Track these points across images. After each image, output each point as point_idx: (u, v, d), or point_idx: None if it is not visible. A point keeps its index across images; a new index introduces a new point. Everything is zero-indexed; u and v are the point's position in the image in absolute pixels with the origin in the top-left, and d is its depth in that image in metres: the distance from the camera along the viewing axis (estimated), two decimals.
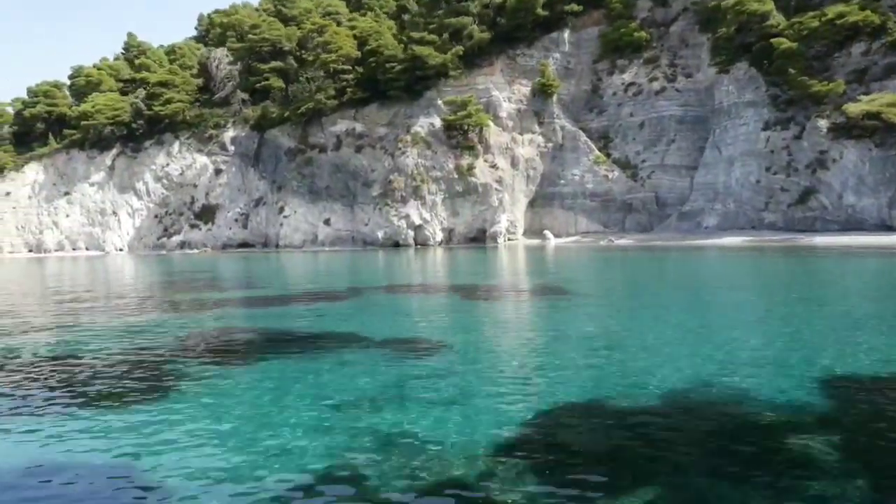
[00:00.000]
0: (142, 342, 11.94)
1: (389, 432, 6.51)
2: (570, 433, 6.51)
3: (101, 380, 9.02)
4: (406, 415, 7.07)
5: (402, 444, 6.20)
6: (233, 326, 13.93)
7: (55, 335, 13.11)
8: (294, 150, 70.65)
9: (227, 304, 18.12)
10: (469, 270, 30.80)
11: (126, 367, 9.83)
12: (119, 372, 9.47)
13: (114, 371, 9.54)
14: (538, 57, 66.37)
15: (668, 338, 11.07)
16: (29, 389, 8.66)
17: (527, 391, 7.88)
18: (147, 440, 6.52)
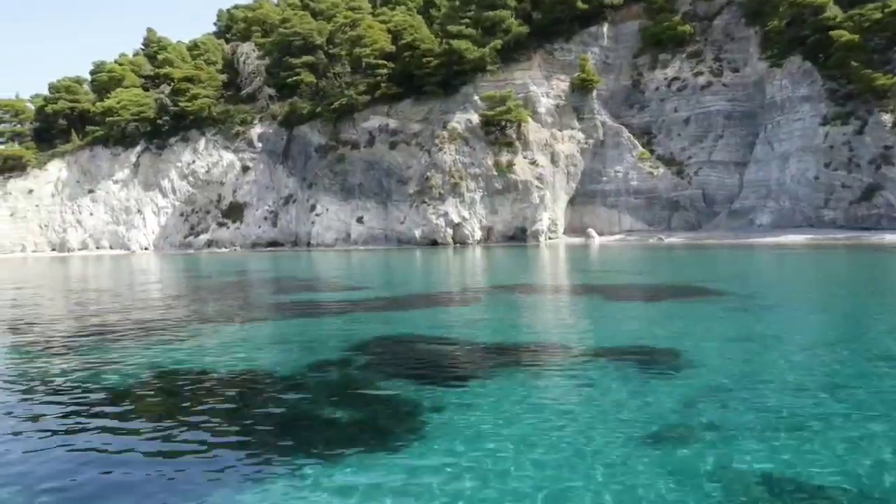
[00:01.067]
0: (330, 361, 10.45)
1: (744, 469, 5.06)
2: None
3: (324, 422, 7.52)
4: (732, 447, 5.64)
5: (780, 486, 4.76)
6: (407, 335, 12.42)
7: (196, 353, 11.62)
8: (325, 146, 69.15)
9: (357, 309, 16.63)
10: (558, 269, 29.33)
11: (336, 403, 7.84)
12: (334, 412, 7.74)
13: (324, 410, 7.97)
14: (576, 51, 64.90)
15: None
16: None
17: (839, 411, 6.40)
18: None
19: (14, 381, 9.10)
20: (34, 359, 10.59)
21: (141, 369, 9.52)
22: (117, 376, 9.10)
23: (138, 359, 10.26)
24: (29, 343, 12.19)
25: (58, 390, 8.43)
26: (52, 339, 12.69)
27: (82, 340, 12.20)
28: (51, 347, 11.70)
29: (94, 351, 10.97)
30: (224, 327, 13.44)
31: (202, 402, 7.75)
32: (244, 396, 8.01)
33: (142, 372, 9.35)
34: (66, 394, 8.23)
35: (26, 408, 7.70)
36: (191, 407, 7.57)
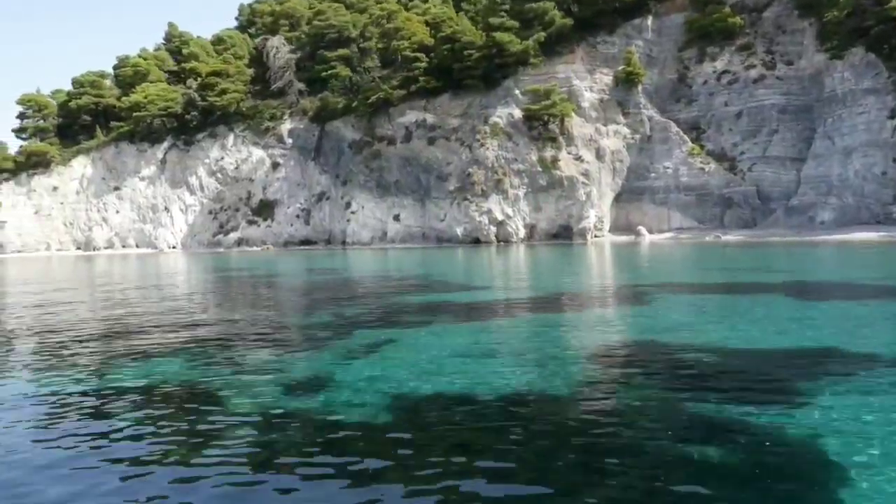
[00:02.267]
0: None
1: None
2: None
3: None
4: None
5: None
6: (652, 340, 10.70)
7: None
8: (359, 142, 67.40)
9: (520, 309, 14.86)
10: (662, 267, 27.60)
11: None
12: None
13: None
14: (620, 44, 63.24)
15: None
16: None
17: None
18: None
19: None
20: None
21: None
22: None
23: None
24: (66, 365, 10.43)
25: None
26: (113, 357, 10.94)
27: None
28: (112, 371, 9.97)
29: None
30: (429, 331, 11.70)
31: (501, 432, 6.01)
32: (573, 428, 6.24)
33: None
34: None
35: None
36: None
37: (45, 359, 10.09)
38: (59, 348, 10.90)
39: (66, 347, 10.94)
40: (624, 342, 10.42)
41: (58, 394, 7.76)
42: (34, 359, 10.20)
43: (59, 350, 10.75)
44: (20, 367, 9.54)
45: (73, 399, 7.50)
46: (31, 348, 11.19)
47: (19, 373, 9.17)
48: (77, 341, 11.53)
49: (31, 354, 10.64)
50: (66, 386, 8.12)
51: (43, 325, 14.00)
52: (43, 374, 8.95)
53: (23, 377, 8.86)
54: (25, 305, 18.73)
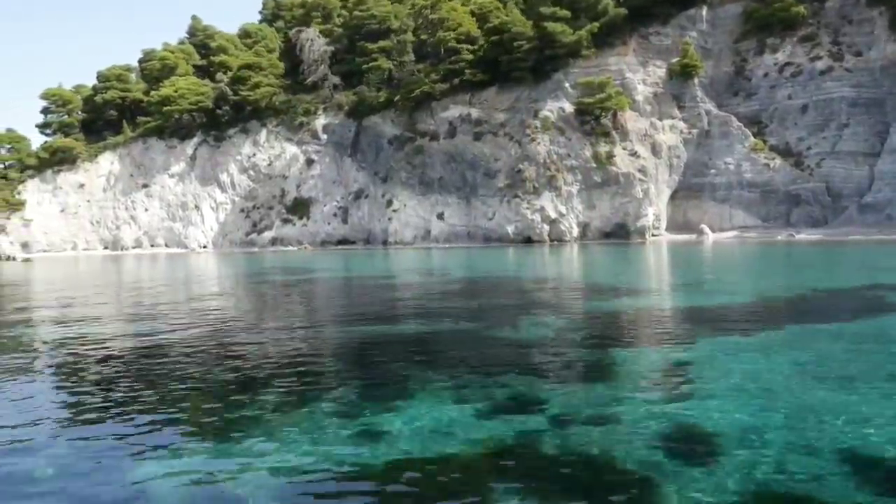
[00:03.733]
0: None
1: None
2: None
3: None
4: None
5: None
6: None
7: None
8: (400, 138, 64.87)
9: (724, 319, 12.37)
10: (779, 267, 25.12)
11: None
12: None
13: None
14: (673, 36, 60.85)
15: None
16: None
17: None
18: None
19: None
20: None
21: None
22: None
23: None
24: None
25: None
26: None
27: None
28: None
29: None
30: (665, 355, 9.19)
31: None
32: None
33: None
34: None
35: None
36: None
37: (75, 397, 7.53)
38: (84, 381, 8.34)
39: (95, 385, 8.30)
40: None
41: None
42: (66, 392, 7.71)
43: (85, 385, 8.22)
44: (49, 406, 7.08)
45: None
46: (57, 376, 8.70)
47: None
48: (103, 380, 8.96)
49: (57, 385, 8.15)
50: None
51: (65, 343, 11.48)
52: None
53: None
54: (45, 323, 16.21)
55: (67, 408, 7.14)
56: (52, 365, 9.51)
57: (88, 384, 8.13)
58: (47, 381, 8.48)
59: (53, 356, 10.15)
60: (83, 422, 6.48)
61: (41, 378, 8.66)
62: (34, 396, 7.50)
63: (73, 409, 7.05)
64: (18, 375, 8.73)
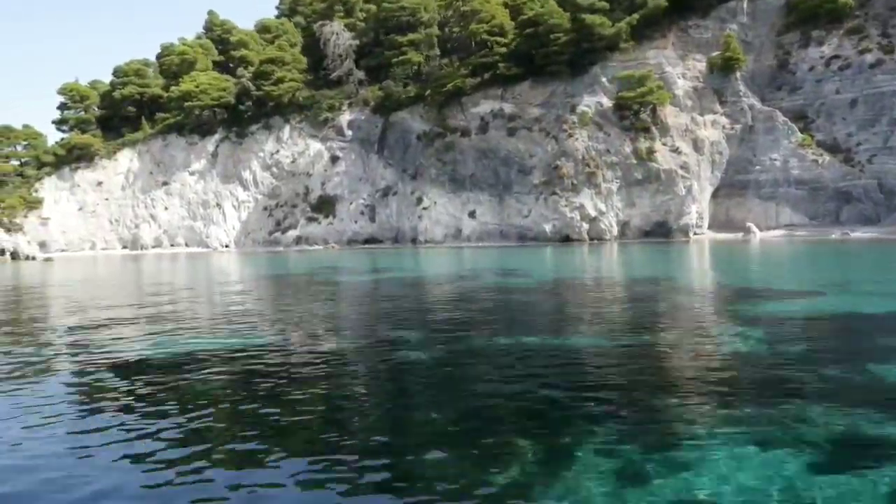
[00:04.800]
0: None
1: None
2: None
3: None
4: None
5: None
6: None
7: None
8: (430, 134, 63.02)
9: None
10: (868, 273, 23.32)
11: None
12: None
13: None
14: (713, 29, 59.03)
15: None
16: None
17: None
18: None
19: None
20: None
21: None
22: None
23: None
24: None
25: None
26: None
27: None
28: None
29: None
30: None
31: None
32: None
33: None
34: None
35: None
36: None
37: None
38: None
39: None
40: None
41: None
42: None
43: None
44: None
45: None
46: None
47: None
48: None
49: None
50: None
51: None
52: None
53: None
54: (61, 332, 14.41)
55: (119, 426, 5.99)
56: (103, 372, 7.76)
57: (132, 397, 7.04)
58: (92, 387, 7.52)
59: (97, 362, 8.69)
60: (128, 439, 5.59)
61: (100, 394, 7.36)
62: (88, 406, 6.68)
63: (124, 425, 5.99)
64: (80, 397, 7.02)
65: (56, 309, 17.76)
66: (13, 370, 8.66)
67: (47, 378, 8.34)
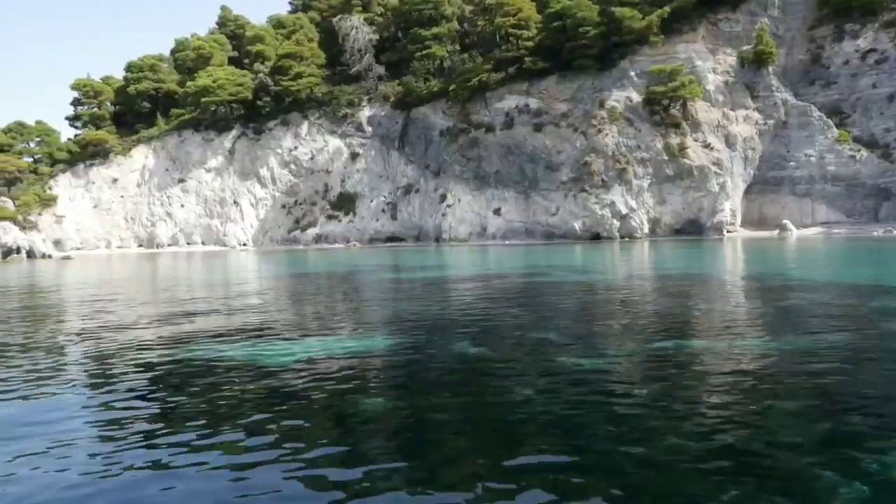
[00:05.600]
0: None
1: None
2: None
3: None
4: None
5: None
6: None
7: None
8: (453, 129, 61.81)
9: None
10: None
11: None
12: None
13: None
14: (743, 22, 57.89)
15: None
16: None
17: None
18: None
19: None
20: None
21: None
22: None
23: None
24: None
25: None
26: None
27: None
28: None
29: None
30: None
31: None
32: None
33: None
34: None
35: None
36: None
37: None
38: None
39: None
40: None
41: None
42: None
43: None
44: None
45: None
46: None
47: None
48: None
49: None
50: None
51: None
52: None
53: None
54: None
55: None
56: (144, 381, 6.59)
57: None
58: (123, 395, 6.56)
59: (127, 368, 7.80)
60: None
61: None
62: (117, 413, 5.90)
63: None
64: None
65: (93, 309, 16.54)
66: (61, 372, 7.82)
67: (106, 382, 7.30)
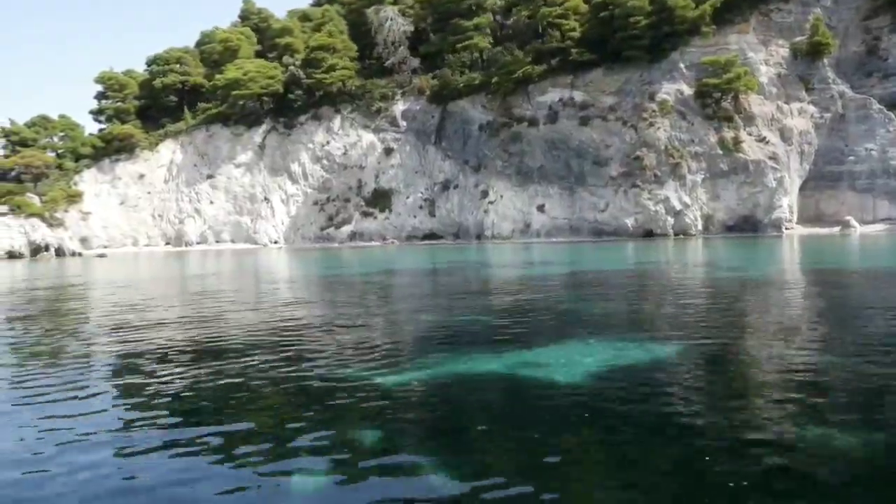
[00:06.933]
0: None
1: None
2: None
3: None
4: None
5: None
6: None
7: None
8: (494, 124, 59.91)
9: None
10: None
11: None
12: None
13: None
14: (795, 13, 56.14)
15: None
16: None
17: None
18: None
19: None
20: None
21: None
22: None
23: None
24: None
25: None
26: None
27: None
28: None
29: None
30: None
31: None
32: None
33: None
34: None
35: None
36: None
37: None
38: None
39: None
40: None
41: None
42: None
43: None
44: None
45: None
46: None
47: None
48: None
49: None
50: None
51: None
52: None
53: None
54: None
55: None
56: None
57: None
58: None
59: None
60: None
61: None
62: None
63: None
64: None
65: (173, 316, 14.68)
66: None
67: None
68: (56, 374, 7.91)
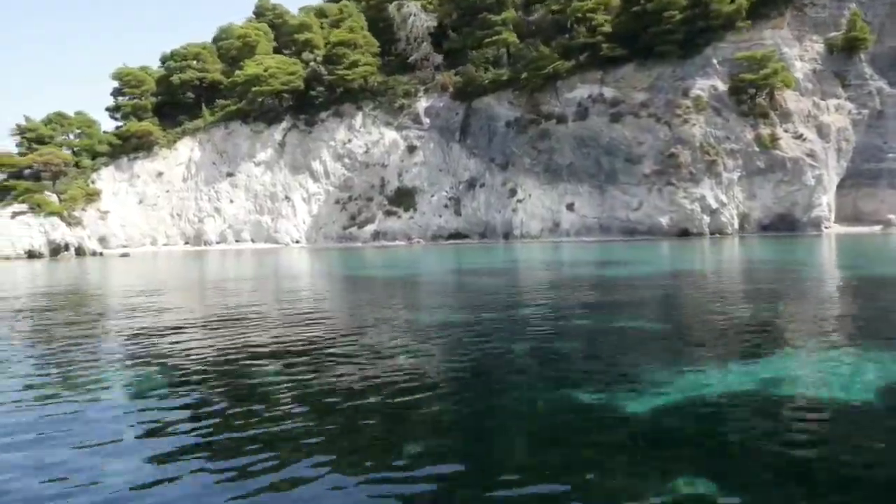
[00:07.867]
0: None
1: None
2: None
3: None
4: None
5: None
6: None
7: None
8: (522, 121, 58.78)
9: None
10: None
11: None
12: None
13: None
14: (830, 8, 55.08)
15: None
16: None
17: None
18: None
19: None
20: None
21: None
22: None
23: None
24: None
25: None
26: None
27: None
28: None
29: None
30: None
31: None
32: None
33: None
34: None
35: None
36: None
37: None
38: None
39: None
40: None
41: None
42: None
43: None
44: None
45: None
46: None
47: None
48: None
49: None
50: None
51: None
52: None
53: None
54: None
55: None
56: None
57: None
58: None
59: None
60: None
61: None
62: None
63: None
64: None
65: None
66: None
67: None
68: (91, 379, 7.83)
